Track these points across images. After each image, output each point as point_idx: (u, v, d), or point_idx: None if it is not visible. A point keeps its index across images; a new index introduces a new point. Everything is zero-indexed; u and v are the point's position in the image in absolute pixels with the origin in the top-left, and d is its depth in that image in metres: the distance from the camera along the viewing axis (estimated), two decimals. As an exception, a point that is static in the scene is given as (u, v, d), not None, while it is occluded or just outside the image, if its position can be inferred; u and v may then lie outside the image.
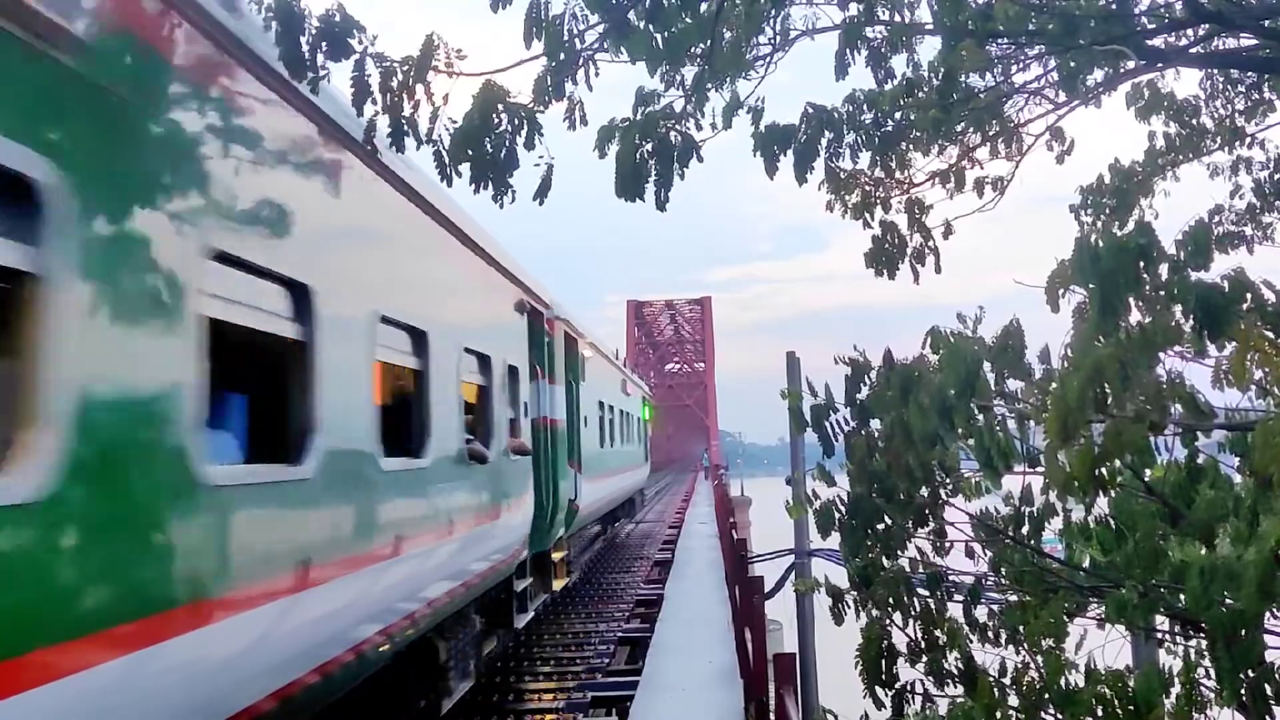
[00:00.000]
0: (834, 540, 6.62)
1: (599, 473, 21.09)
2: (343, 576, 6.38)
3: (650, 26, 6.24)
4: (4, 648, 3.41)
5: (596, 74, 6.18)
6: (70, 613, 3.81)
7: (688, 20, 6.39)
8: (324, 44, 5.25)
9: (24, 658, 3.48)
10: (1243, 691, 4.07)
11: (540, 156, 6.00)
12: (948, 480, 6.21)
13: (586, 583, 21.31)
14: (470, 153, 5.74)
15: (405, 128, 5.57)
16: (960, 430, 5.07)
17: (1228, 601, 3.93)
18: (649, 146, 6.64)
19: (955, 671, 6.08)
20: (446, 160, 5.75)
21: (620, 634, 15.84)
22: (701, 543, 26.46)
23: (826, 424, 6.23)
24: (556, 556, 14.89)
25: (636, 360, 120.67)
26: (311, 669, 5.94)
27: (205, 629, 4.71)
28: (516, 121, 5.80)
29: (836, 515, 6.34)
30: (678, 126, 6.79)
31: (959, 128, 8.86)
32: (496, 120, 5.76)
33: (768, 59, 7.66)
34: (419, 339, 8.30)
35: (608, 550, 27.07)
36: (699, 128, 7.03)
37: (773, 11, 7.41)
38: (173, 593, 4.55)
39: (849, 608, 6.67)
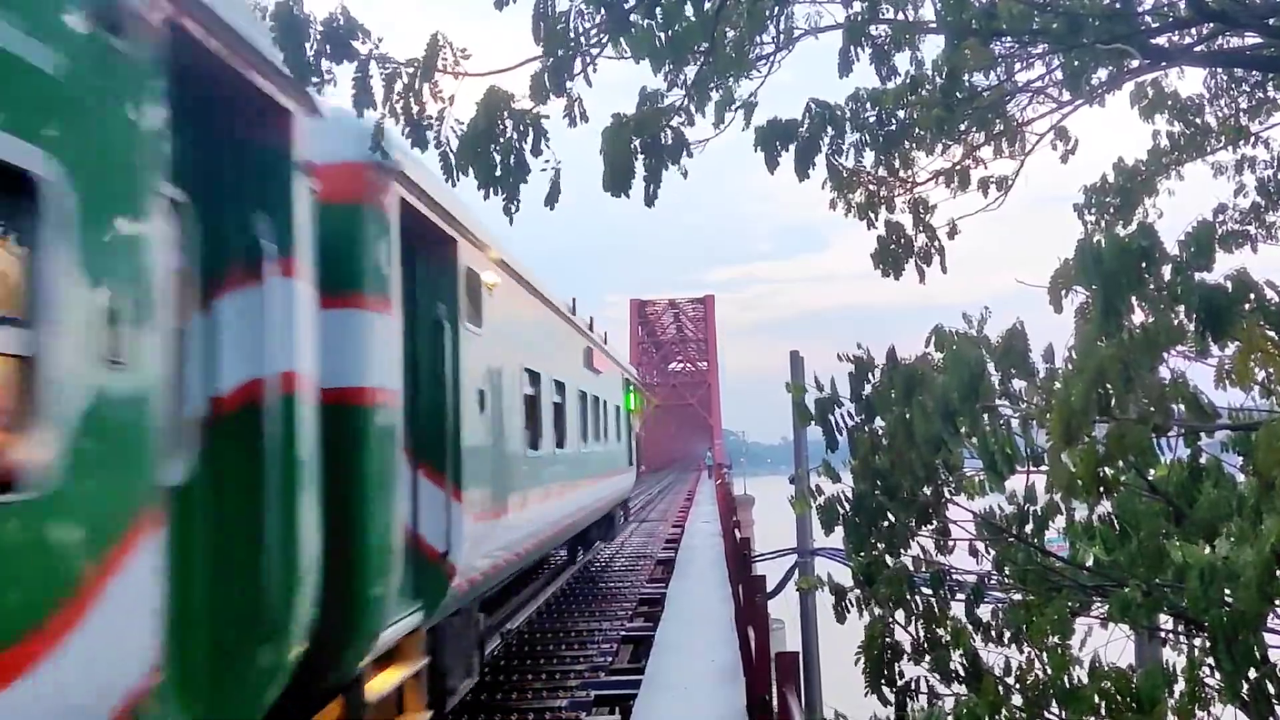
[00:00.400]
0: (837, 539, 6.64)
1: (529, 490, 12.38)
2: None
3: (652, 24, 6.24)
4: None
5: (594, 70, 6.18)
6: None
7: (691, 18, 6.39)
8: (328, 47, 5.26)
9: None
10: (1244, 691, 4.08)
11: (546, 161, 5.99)
12: (951, 479, 6.23)
13: (589, 582, 21.32)
14: (478, 160, 5.74)
15: (420, 125, 5.56)
16: (964, 431, 5.08)
17: (1229, 601, 3.94)
18: (638, 143, 6.63)
19: (960, 669, 6.10)
20: (453, 164, 5.76)
21: (623, 633, 15.84)
22: (705, 541, 26.44)
23: (831, 418, 6.24)
24: (382, 685, 7.29)
25: (640, 359, 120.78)
26: None
27: None
28: (522, 128, 5.80)
29: (840, 510, 6.35)
30: (670, 124, 6.79)
31: (963, 126, 8.85)
32: (501, 126, 5.75)
33: (770, 58, 7.66)
34: None
35: (605, 554, 27.03)
36: (691, 124, 7.04)
37: (776, 9, 7.41)
38: None
39: (852, 606, 6.68)
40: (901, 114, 8.22)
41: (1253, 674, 4.04)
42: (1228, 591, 3.89)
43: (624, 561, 25.15)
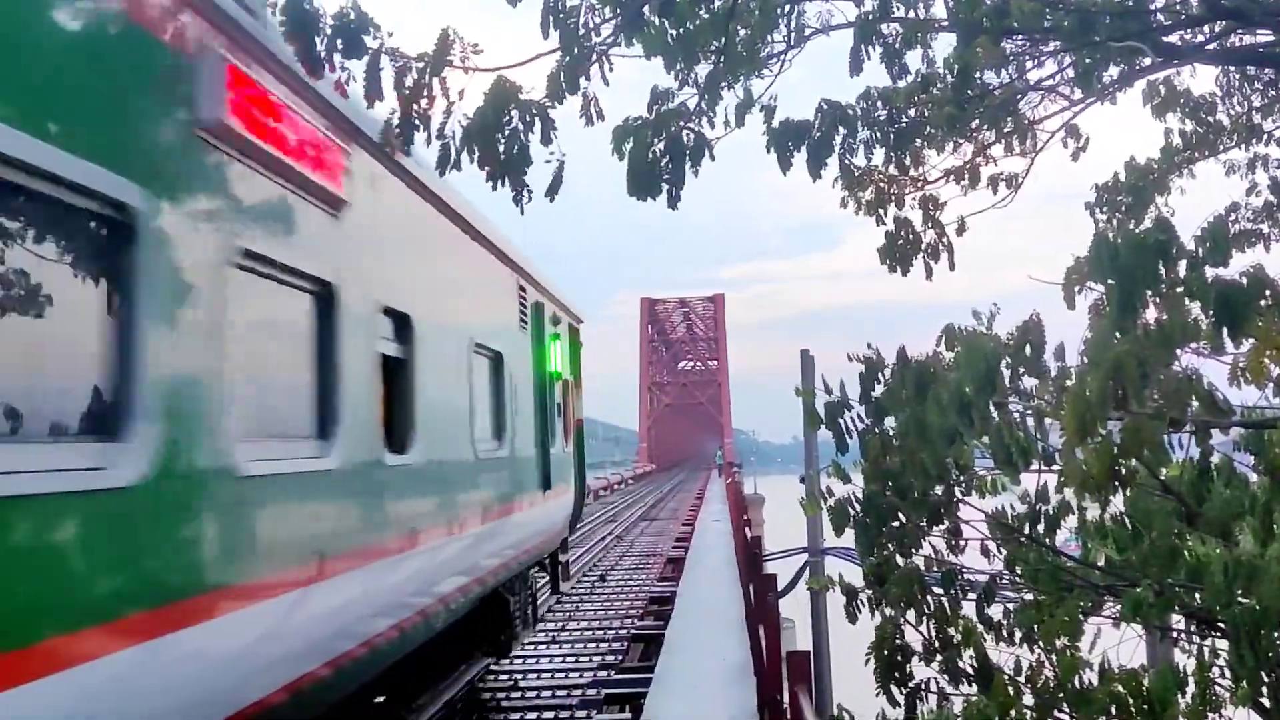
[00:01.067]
0: (848, 538, 6.62)
1: None
2: None
3: (665, 22, 6.23)
4: None
5: (610, 69, 6.18)
6: None
7: (703, 16, 6.38)
8: (339, 42, 5.24)
9: None
10: (1264, 691, 4.05)
11: (552, 153, 5.98)
12: (962, 478, 6.21)
13: (600, 580, 21.32)
14: (483, 148, 5.73)
15: (417, 123, 5.56)
16: (977, 427, 5.06)
17: (1246, 600, 3.91)
18: (661, 145, 6.63)
19: (970, 670, 6.07)
20: (453, 153, 5.74)
21: (634, 631, 15.83)
22: (715, 540, 26.41)
23: (841, 421, 6.22)
24: None
25: (650, 358, 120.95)
26: None
27: None
28: (529, 118, 5.79)
29: (851, 512, 6.33)
30: (690, 125, 6.78)
31: (974, 124, 8.84)
32: (509, 117, 5.74)
33: (782, 56, 7.66)
34: None
35: (619, 546, 27.02)
36: (712, 125, 7.03)
37: (788, 8, 7.40)
38: None
39: (863, 606, 6.66)
40: (912, 112, 8.21)
41: (1273, 674, 4.01)
42: (1246, 589, 3.87)
43: (634, 560, 25.14)
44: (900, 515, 6.30)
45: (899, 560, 6.44)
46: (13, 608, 3.43)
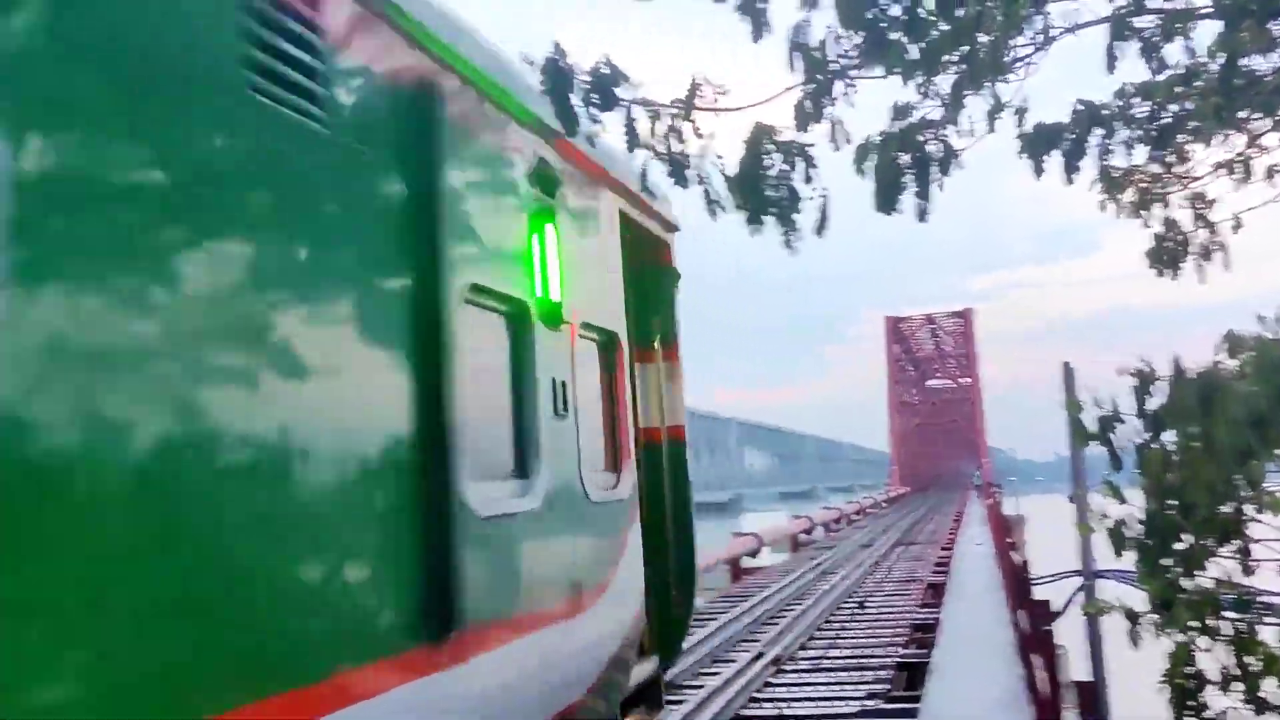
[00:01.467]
0: (1124, 560, 6.30)
1: None
2: None
3: (905, 39, 6.18)
4: None
5: (855, 91, 6.20)
6: None
7: (944, 29, 6.28)
8: (595, 96, 5.52)
9: None
10: None
11: (813, 188, 6.07)
12: (1253, 495, 5.80)
13: (859, 608, 21.03)
14: (749, 196, 5.88)
15: (680, 164, 5.76)
16: (1274, 442, 4.72)
17: None
18: (907, 158, 6.56)
19: (1274, 700, 5.66)
20: (715, 199, 5.91)
21: (899, 659, 15.52)
22: (976, 564, 25.61)
23: (1112, 436, 5.94)
24: None
25: (897, 377, 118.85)
26: None
27: None
28: (791, 160, 5.90)
29: (1128, 533, 6.03)
30: (937, 135, 6.68)
31: (1243, 114, 8.30)
32: (770, 161, 5.87)
33: (1027, 60, 7.41)
34: None
35: (877, 572, 26.60)
36: (958, 134, 6.90)
37: (1032, 10, 7.17)
38: None
39: (1144, 631, 6.32)
40: (1174, 106, 7.80)
41: None
42: None
43: (893, 586, 24.70)
44: (1184, 535, 5.95)
45: (1184, 583, 6.07)
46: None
